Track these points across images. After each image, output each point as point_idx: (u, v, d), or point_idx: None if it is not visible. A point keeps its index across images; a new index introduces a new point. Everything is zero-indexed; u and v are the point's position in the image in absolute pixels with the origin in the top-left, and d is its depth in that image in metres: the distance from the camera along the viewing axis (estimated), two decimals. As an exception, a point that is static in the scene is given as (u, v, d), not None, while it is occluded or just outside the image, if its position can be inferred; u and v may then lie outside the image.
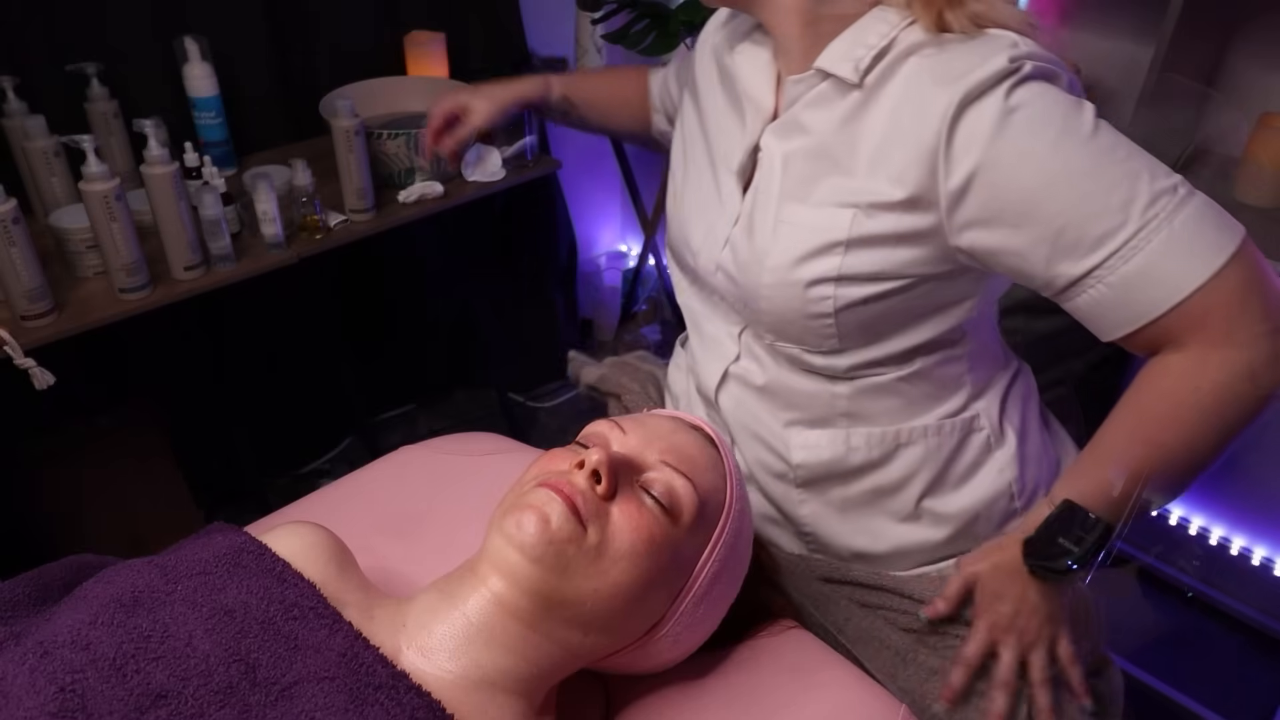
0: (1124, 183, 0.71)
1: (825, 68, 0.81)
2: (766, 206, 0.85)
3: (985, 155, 0.73)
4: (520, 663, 0.63)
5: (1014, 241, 0.75)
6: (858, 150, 0.79)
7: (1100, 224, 0.72)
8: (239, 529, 0.71)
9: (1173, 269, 0.71)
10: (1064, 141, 0.72)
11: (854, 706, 0.72)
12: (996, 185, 0.74)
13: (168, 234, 1.33)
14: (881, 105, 0.78)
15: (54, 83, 1.45)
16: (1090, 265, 0.73)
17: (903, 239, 0.79)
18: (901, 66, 0.78)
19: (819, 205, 0.81)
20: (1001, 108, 0.72)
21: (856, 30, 0.80)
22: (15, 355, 1.22)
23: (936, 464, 0.90)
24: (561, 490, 0.64)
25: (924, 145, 0.75)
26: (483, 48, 1.95)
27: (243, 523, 0.78)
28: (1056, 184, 0.72)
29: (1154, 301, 0.72)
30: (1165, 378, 0.76)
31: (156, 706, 0.54)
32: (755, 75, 0.89)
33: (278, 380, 1.90)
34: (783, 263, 0.83)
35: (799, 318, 0.84)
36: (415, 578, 0.80)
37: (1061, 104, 0.73)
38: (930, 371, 0.88)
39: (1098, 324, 0.77)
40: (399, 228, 1.59)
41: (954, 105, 0.72)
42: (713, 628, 0.73)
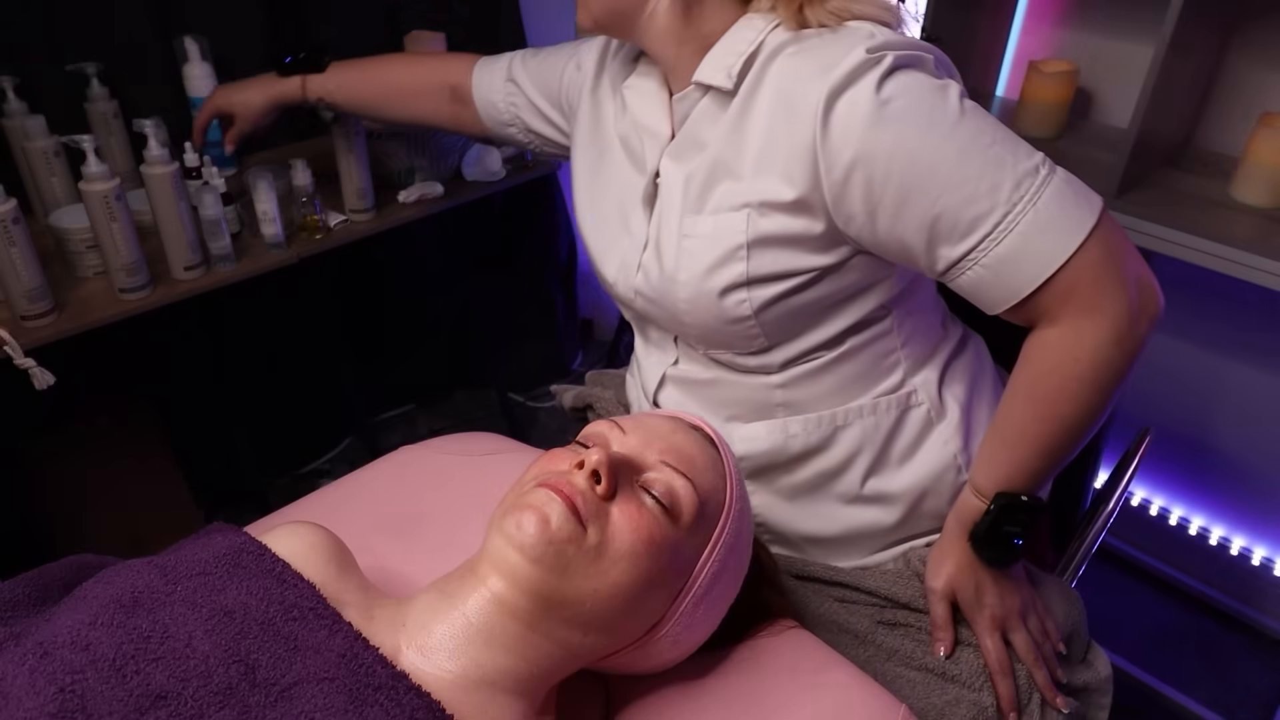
0: (991, 168, 0.75)
1: (702, 80, 0.84)
2: (670, 226, 0.88)
3: (861, 149, 0.76)
4: (520, 663, 0.63)
5: (895, 230, 0.78)
6: (744, 154, 0.82)
7: (972, 209, 0.75)
8: (239, 529, 0.71)
9: (1040, 247, 0.75)
10: (933, 132, 0.75)
11: (854, 706, 0.72)
12: (874, 178, 0.76)
13: (168, 234, 1.32)
14: (759, 107, 0.81)
15: (54, 83, 1.45)
16: (966, 249, 0.77)
17: (799, 235, 0.82)
18: (771, 67, 0.81)
19: (715, 213, 0.84)
20: (873, 100, 0.75)
21: (727, 40, 0.84)
22: (15, 355, 1.22)
23: (876, 443, 0.92)
24: (561, 490, 0.64)
25: (802, 142, 0.78)
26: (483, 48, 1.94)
27: (243, 523, 0.78)
28: (929, 174, 0.75)
29: (1026, 279, 0.76)
30: (1046, 353, 0.80)
31: (156, 707, 0.54)
32: (647, 103, 0.92)
33: (278, 380, 1.90)
34: (693, 276, 0.86)
35: (722, 325, 0.87)
36: (415, 578, 0.80)
37: (929, 93, 0.76)
38: (861, 351, 0.90)
39: (980, 300, 0.81)
40: (399, 228, 1.59)
41: (823, 100, 0.75)
42: (713, 628, 0.73)
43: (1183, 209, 1.37)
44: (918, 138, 0.75)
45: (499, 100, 1.17)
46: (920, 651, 0.89)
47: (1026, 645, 0.87)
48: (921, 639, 0.90)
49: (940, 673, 0.87)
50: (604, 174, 0.98)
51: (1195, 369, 1.69)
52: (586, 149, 1.01)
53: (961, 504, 0.88)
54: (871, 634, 0.90)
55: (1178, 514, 1.81)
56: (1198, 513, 1.79)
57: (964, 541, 0.86)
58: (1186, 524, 1.79)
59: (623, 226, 0.95)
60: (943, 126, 0.75)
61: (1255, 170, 1.37)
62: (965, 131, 0.75)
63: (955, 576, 0.87)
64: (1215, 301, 1.62)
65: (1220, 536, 1.76)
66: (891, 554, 0.96)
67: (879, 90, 0.75)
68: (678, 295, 0.87)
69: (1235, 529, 1.75)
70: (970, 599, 0.87)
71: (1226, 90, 1.50)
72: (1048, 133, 1.59)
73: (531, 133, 1.17)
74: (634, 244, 0.93)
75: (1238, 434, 1.68)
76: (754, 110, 0.81)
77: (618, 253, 0.96)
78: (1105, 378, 0.78)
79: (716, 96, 0.85)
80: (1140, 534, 1.84)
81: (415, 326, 2.12)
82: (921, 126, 0.75)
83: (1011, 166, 0.75)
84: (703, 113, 0.86)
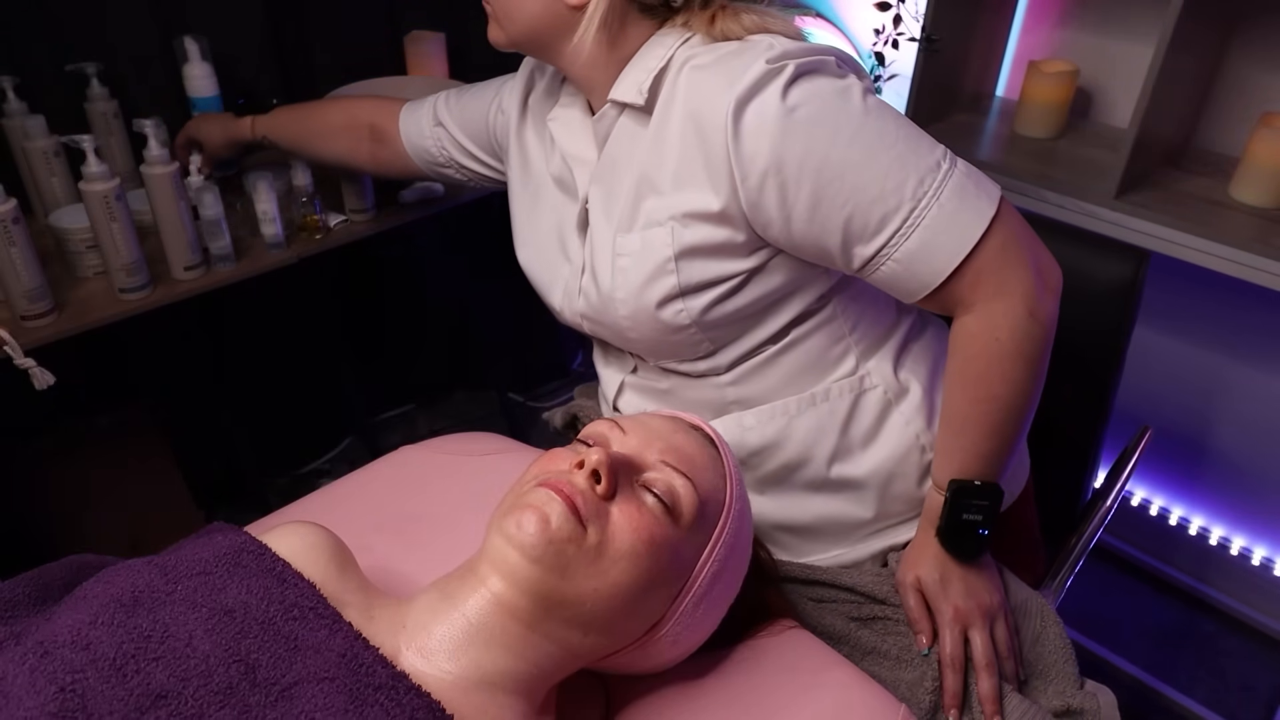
0: (895, 166, 0.78)
1: (616, 98, 0.86)
2: (603, 246, 0.90)
3: (772, 157, 0.77)
4: (520, 663, 0.63)
5: (810, 232, 0.80)
6: (663, 168, 0.84)
7: (880, 208, 0.78)
8: (239, 529, 0.71)
9: (946, 239, 0.79)
10: (839, 135, 0.77)
11: (854, 707, 0.72)
12: (786, 184, 0.78)
13: (168, 234, 1.32)
14: (673, 121, 0.83)
15: (54, 83, 1.45)
16: (877, 246, 0.80)
17: (722, 244, 0.84)
18: (679, 81, 0.82)
19: (643, 229, 0.86)
20: (779, 109, 0.76)
21: (639, 58, 0.85)
22: (15, 355, 1.22)
23: (834, 429, 0.93)
24: (561, 490, 0.64)
25: (716, 154, 0.79)
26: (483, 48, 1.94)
27: (243, 523, 0.78)
28: (839, 177, 0.77)
29: (936, 270, 0.80)
30: (968, 340, 0.83)
31: (156, 707, 0.54)
32: (573, 134, 0.94)
33: (278, 380, 1.90)
34: (630, 294, 0.87)
35: (665, 336, 0.89)
36: (415, 578, 0.80)
37: (832, 97, 0.78)
38: (807, 340, 0.92)
39: (896, 292, 0.84)
40: (399, 228, 1.59)
41: (730, 112, 0.77)
42: (713, 628, 0.73)
43: (1183, 209, 1.37)
44: (825, 142, 0.77)
45: (430, 145, 1.19)
46: (898, 647, 0.89)
47: (984, 647, 0.86)
48: (898, 631, 0.90)
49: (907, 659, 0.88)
50: (539, 211, 1.01)
51: (1194, 369, 1.69)
52: (520, 189, 1.04)
53: (927, 503, 0.90)
54: (848, 633, 0.90)
55: (1178, 514, 1.81)
56: (1198, 513, 1.79)
57: (931, 536, 0.88)
58: (1186, 524, 1.79)
59: (562, 256, 0.98)
60: (848, 129, 0.78)
61: (1255, 170, 1.37)
62: (870, 132, 0.78)
63: (921, 568, 0.88)
64: (1215, 301, 1.62)
65: (1220, 536, 1.76)
66: (871, 548, 0.97)
67: (784, 98, 0.77)
68: (618, 313, 0.90)
69: (1235, 529, 1.75)
70: (935, 590, 0.88)
71: (1226, 90, 1.50)
72: (1048, 133, 1.59)
73: (467, 170, 1.18)
74: (574, 270, 0.96)
75: (1237, 434, 1.68)
76: (669, 125, 0.83)
77: (560, 281, 0.98)
78: (1028, 351, 0.82)
79: (634, 114, 0.86)
80: (1140, 534, 1.84)
81: (415, 326, 2.12)
82: (828, 131, 0.77)
83: (914, 164, 0.78)
84: (622, 131, 0.88)
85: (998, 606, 0.89)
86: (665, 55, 0.83)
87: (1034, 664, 0.90)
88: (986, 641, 0.86)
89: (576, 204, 0.94)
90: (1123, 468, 1.15)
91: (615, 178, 0.89)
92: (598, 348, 1.07)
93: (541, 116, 1.00)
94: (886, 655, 0.88)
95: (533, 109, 1.02)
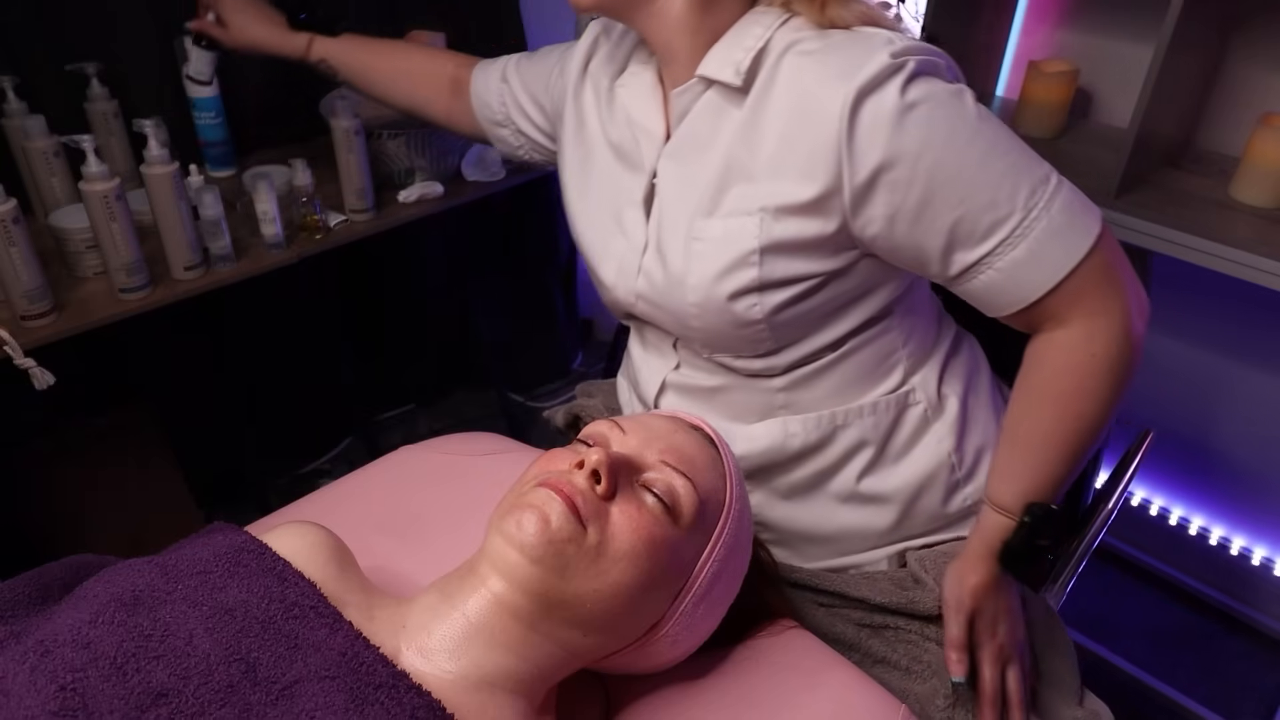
0: (1009, 174, 0.77)
1: (707, 74, 0.83)
2: (675, 228, 0.87)
3: (887, 152, 0.76)
4: (520, 663, 0.63)
5: (914, 234, 0.79)
6: (757, 155, 0.81)
7: (991, 214, 0.77)
8: (239, 528, 0.71)
9: (1054, 252, 0.78)
10: (956, 138, 0.76)
11: (854, 707, 0.72)
12: (899, 181, 0.76)
13: (168, 234, 1.32)
14: (773, 107, 0.80)
15: (54, 83, 1.45)
16: (983, 253, 0.78)
17: (810, 240, 0.81)
18: (782, 65, 0.80)
19: (727, 216, 0.83)
20: (898, 104, 0.75)
21: (733, 35, 0.82)
22: (15, 355, 1.22)
23: (875, 442, 0.92)
24: (561, 490, 0.64)
25: (825, 142, 0.77)
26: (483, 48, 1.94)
27: (243, 523, 0.78)
28: (953, 179, 0.76)
29: (1039, 282, 0.79)
30: (1060, 354, 0.82)
31: (157, 705, 0.54)
32: (642, 101, 0.91)
33: (278, 380, 1.90)
34: (703, 280, 0.84)
35: (731, 329, 0.86)
36: (415, 578, 0.80)
37: (949, 99, 0.77)
38: (863, 350, 0.90)
39: (988, 303, 0.83)
40: (399, 228, 1.59)
41: (849, 102, 0.75)
42: (713, 628, 0.73)
43: (1183, 209, 1.37)
44: (942, 143, 0.75)
45: (493, 100, 1.17)
46: (907, 658, 0.88)
47: (1017, 686, 0.85)
48: (908, 640, 0.89)
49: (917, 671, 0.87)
50: (592, 178, 0.97)
51: (1195, 369, 1.69)
52: (573, 153, 1.00)
53: (985, 521, 0.86)
54: (859, 641, 0.90)
55: (1178, 514, 1.80)
56: (1198, 513, 1.79)
57: (991, 561, 0.85)
58: (1186, 524, 1.79)
59: (617, 229, 0.94)
60: (964, 132, 0.76)
61: (1255, 170, 1.37)
62: (984, 138, 0.77)
63: (981, 597, 0.85)
64: (1215, 301, 1.62)
65: (1220, 536, 1.76)
66: (883, 553, 0.95)
67: (904, 95, 0.75)
68: (686, 299, 0.86)
69: (1235, 529, 1.75)
70: (988, 624, 0.85)
71: (1226, 90, 1.50)
72: (1048, 133, 1.59)
73: (522, 135, 1.16)
74: (631, 246, 0.92)
75: (1238, 434, 1.68)
76: (768, 110, 0.80)
77: (614, 256, 0.94)
78: (1119, 372, 0.81)
79: (723, 92, 0.83)
80: (1140, 534, 1.84)
81: (415, 326, 2.12)
82: (945, 132, 0.76)
83: (1027, 173, 0.77)
84: (706, 108, 0.85)
85: (1025, 641, 0.88)
86: (764, 35, 0.80)
87: (1042, 675, 0.90)
88: (1020, 679, 0.85)
89: (638, 177, 0.91)
90: (1124, 470, 1.14)
91: (695, 157, 0.86)
92: (636, 342, 1.03)
93: (602, 81, 0.96)
94: (896, 665, 0.88)
95: (593, 73, 0.98)
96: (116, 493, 1.63)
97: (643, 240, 0.91)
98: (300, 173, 1.47)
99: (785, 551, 0.98)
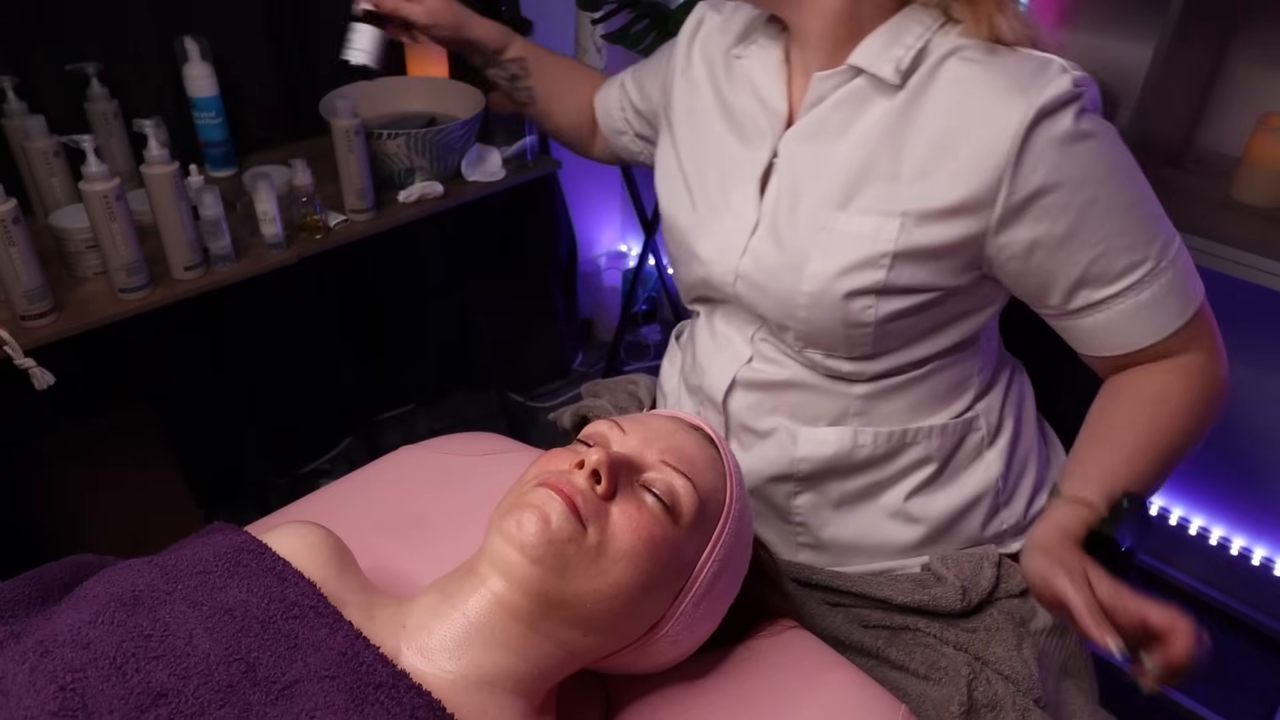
0: (1150, 221, 0.80)
1: (861, 65, 0.81)
2: (797, 212, 0.84)
3: (1050, 177, 0.76)
4: (520, 663, 0.63)
5: (1048, 263, 0.79)
6: (904, 155, 0.80)
7: (1127, 257, 0.79)
8: (239, 528, 0.71)
9: (1173, 304, 0.81)
10: (1114, 176, 0.77)
11: (854, 707, 0.72)
12: (1051, 208, 0.77)
13: (168, 234, 1.32)
14: (930, 109, 0.79)
15: (54, 83, 1.45)
16: (1109, 293, 0.80)
17: (945, 249, 0.80)
18: (943, 68, 0.79)
19: (863, 213, 0.81)
20: (1072, 131, 0.75)
21: (892, 29, 0.80)
22: (15, 355, 1.22)
23: (934, 464, 0.91)
24: (561, 490, 0.64)
25: (990, 152, 0.76)
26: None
27: (243, 523, 0.78)
28: (1101, 217, 0.77)
29: (1153, 330, 0.82)
30: (1153, 384, 0.84)
31: (157, 705, 0.54)
32: (768, 76, 0.88)
33: (278, 380, 1.90)
34: (824, 272, 0.82)
35: (838, 327, 0.84)
36: (415, 578, 0.80)
37: (1115, 138, 0.78)
38: (943, 371, 0.90)
39: (1090, 342, 0.84)
40: (399, 228, 1.59)
41: (1029, 118, 0.74)
42: (713, 628, 0.73)
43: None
44: (1100, 179, 0.77)
45: (613, 107, 1.17)
46: (926, 664, 0.87)
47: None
48: (926, 644, 0.89)
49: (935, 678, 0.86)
50: (699, 149, 0.94)
51: (1195, 369, 1.69)
52: (681, 125, 0.97)
53: (1059, 515, 0.80)
54: (875, 648, 0.89)
55: (1178, 514, 1.80)
56: (1198, 513, 1.79)
57: (1073, 546, 0.77)
58: (1186, 524, 1.79)
59: (722, 203, 0.90)
60: (1121, 173, 0.78)
61: (1255, 170, 1.37)
62: (1135, 182, 0.79)
63: (1071, 557, 0.75)
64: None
65: (1220, 536, 1.76)
66: (912, 561, 0.94)
67: (1078, 123, 0.75)
68: (800, 287, 0.83)
69: (1235, 529, 1.75)
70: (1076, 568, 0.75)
71: (1226, 90, 1.50)
72: (1048, 133, 1.59)
73: (641, 139, 1.16)
74: (739, 224, 0.88)
75: (1238, 434, 1.68)
76: (923, 111, 0.79)
77: (716, 231, 0.90)
78: (1210, 404, 0.85)
79: (870, 84, 0.81)
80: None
81: (415, 326, 2.12)
82: (1106, 168, 0.77)
83: (1161, 225, 0.81)
84: (848, 98, 0.83)
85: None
86: (924, 35, 0.79)
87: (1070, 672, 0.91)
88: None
89: (754, 153, 0.88)
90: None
91: (828, 144, 0.83)
92: (706, 332, 0.98)
93: (715, 52, 0.94)
94: (914, 673, 0.87)
95: (703, 44, 0.96)
96: (116, 493, 1.63)
97: (754, 219, 0.88)
98: (300, 173, 1.47)
99: (815, 554, 0.97)
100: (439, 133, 1.57)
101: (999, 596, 0.91)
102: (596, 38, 1.87)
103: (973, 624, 0.89)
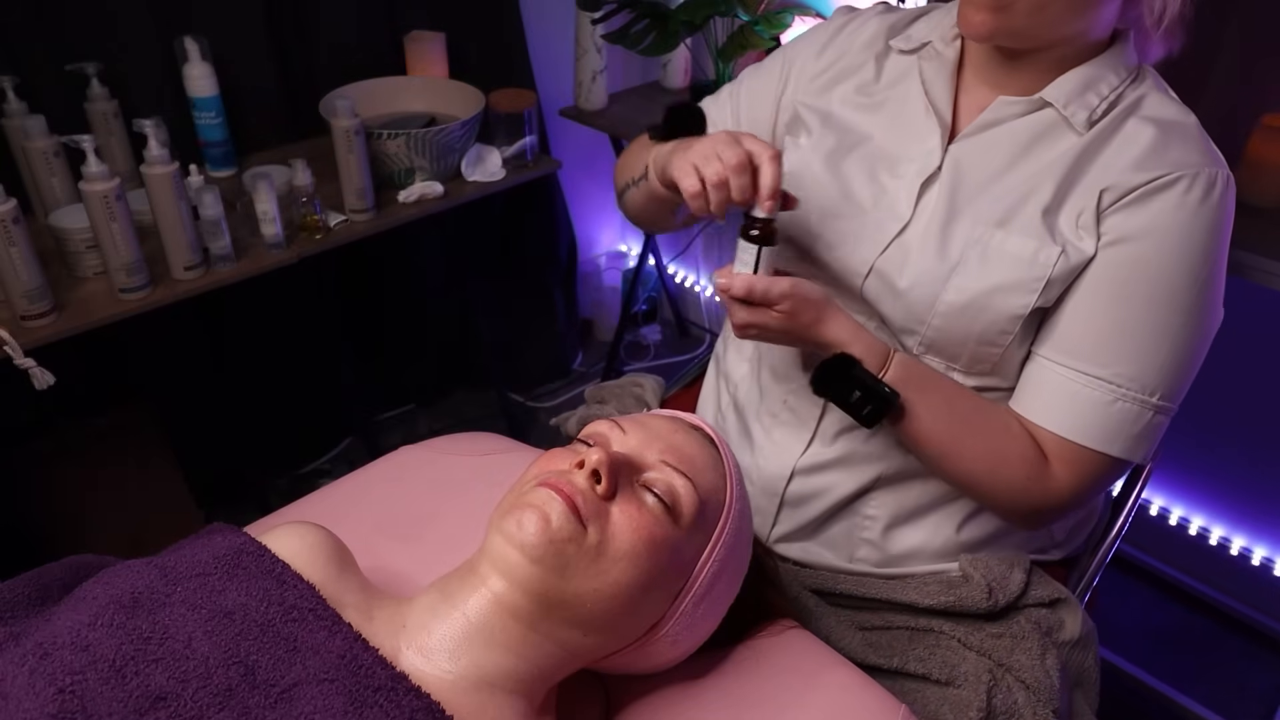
0: (1180, 353, 0.81)
1: (1053, 102, 0.82)
2: (953, 222, 0.84)
3: (1146, 232, 0.79)
4: (520, 663, 0.63)
5: (1084, 306, 0.81)
6: (1072, 191, 0.81)
7: (1136, 363, 0.80)
8: (239, 529, 0.71)
9: (1116, 432, 0.81)
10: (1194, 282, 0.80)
11: (854, 707, 0.72)
12: (1124, 260, 0.79)
13: (168, 234, 1.33)
14: (1105, 157, 0.81)
15: (54, 83, 1.45)
16: (1091, 372, 0.80)
17: (1067, 275, 0.82)
18: (1124, 125, 0.81)
19: (1024, 234, 0.82)
20: (1182, 200, 0.78)
21: (1090, 72, 0.82)
22: (15, 355, 1.22)
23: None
24: (561, 490, 0.64)
25: (1118, 192, 0.80)
26: (483, 48, 1.95)
27: (243, 523, 0.78)
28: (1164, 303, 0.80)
29: (1081, 431, 0.81)
30: (1006, 419, 0.85)
31: (156, 708, 0.54)
32: (941, 82, 0.88)
33: (278, 380, 1.91)
34: (975, 285, 0.82)
35: (972, 341, 0.84)
36: (415, 578, 0.80)
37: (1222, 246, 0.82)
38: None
39: (1027, 392, 0.84)
40: (399, 227, 1.59)
41: (1162, 183, 0.78)
42: (713, 628, 0.73)
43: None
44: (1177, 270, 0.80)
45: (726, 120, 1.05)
46: (947, 669, 0.87)
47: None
48: (949, 647, 0.88)
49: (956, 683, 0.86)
50: (850, 134, 0.91)
51: (1195, 369, 1.69)
52: (837, 100, 0.93)
53: (869, 341, 0.83)
54: (896, 650, 0.89)
55: (1178, 514, 1.80)
56: (1198, 513, 1.79)
57: (827, 352, 0.83)
58: (1186, 524, 1.79)
59: (869, 196, 0.88)
60: (1197, 287, 0.80)
61: (1255, 170, 1.37)
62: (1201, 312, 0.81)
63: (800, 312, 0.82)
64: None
65: (1220, 536, 1.76)
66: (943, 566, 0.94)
67: (1206, 198, 0.79)
68: (944, 295, 0.83)
69: (1235, 529, 1.75)
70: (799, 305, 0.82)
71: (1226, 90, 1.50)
72: (1048, 133, 1.59)
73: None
74: (886, 217, 0.87)
75: (1238, 434, 1.68)
76: (1096, 162, 0.81)
77: (853, 221, 0.88)
78: (1020, 503, 0.85)
79: (1056, 120, 0.83)
80: (1140, 534, 1.84)
81: (415, 326, 2.12)
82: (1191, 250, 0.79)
83: (1191, 364, 0.83)
84: (1027, 128, 0.84)
85: None
86: (1118, 86, 0.83)
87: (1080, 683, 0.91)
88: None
89: (916, 153, 0.87)
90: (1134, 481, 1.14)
91: (998, 162, 0.84)
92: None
93: (907, 42, 0.91)
94: (932, 679, 0.87)
95: (895, 25, 0.93)
96: (116, 493, 1.63)
97: (906, 218, 0.86)
98: (300, 173, 1.47)
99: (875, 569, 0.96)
100: (439, 133, 1.57)
101: (1028, 604, 0.91)
102: (596, 38, 1.87)
103: (999, 629, 0.89)
